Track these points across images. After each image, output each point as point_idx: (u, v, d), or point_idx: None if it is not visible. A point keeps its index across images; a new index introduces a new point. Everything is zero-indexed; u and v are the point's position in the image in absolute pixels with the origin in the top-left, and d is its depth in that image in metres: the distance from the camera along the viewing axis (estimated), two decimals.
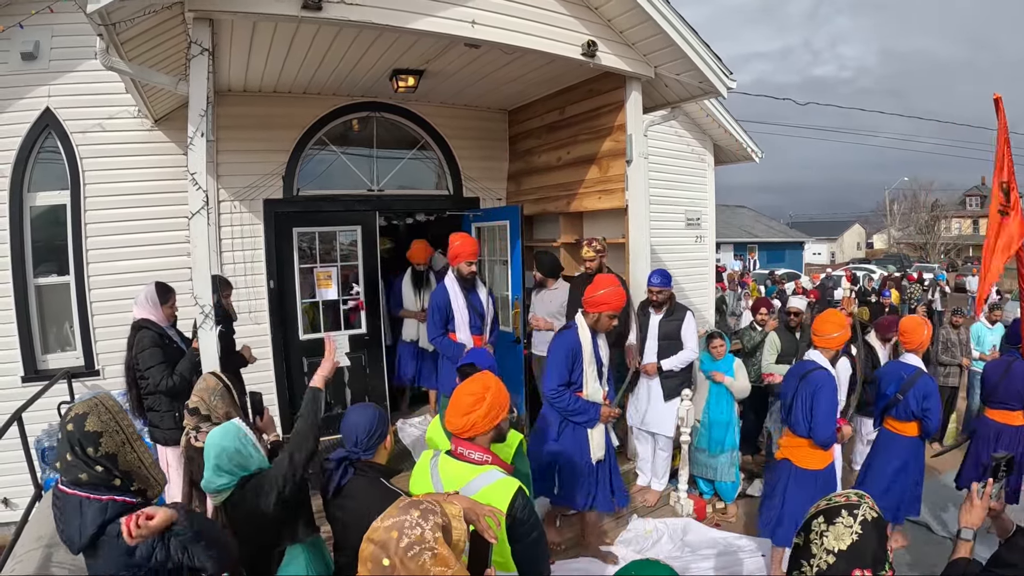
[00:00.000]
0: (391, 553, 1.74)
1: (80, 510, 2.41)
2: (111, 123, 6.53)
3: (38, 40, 6.25)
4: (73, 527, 2.41)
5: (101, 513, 2.40)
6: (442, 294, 5.77)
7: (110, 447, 2.50)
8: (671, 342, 5.73)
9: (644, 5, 5.39)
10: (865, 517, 2.01)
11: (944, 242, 52.82)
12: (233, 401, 3.50)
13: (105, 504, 2.42)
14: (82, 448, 2.45)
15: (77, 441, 2.46)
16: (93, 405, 2.56)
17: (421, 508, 1.84)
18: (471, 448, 2.67)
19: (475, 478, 2.58)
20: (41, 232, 6.55)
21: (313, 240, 7.44)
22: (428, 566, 1.74)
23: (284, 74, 6.39)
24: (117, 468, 2.50)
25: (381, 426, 2.88)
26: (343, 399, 7.58)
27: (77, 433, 2.47)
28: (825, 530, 2.02)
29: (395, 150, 7.98)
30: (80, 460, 2.45)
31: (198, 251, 4.35)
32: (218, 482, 2.82)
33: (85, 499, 2.42)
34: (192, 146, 4.31)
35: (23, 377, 6.38)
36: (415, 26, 4.79)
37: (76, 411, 2.53)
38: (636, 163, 6.21)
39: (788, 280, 23.17)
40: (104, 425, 2.51)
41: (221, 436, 2.84)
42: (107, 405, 2.59)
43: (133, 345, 4.87)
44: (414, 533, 1.77)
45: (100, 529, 2.39)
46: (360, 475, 2.78)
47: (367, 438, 2.83)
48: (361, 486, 2.74)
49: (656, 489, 5.99)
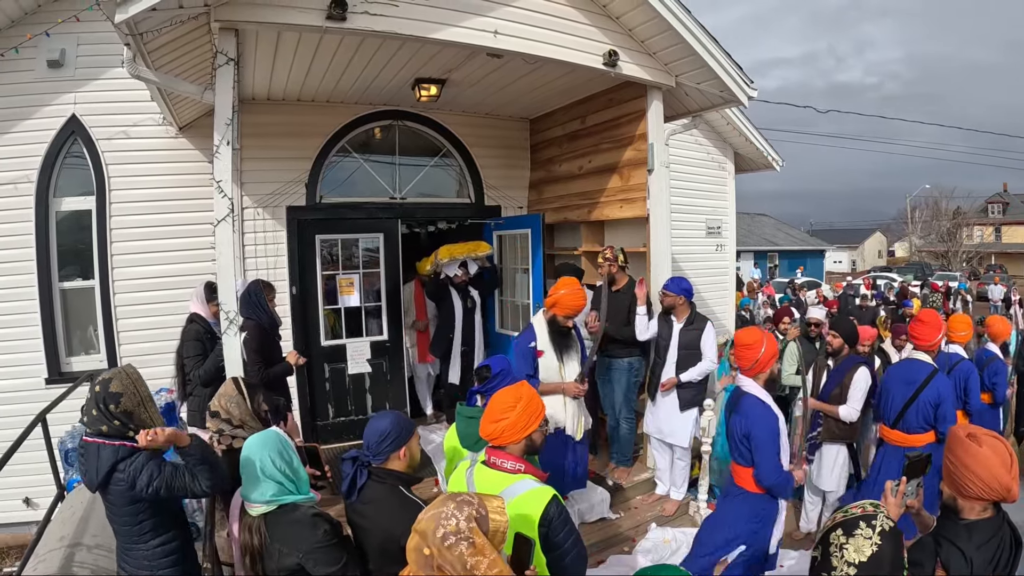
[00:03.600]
0: (430, 543, 1.88)
1: (98, 453, 3.02)
2: (136, 130, 6.66)
3: (64, 48, 6.40)
4: (92, 468, 3.02)
5: (114, 454, 3.01)
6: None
7: (128, 405, 3.09)
8: (690, 352, 5.69)
9: (666, 14, 5.39)
10: (883, 528, 2.05)
11: (966, 250, 52.17)
12: (247, 409, 3.52)
13: (117, 448, 3.03)
14: (105, 404, 3.04)
15: (102, 399, 3.05)
16: (117, 372, 3.19)
17: (457, 500, 1.97)
18: (504, 457, 2.68)
19: (508, 487, 2.58)
20: (66, 237, 6.69)
21: (335, 247, 7.50)
22: (465, 555, 1.86)
23: (307, 83, 6.45)
24: (132, 422, 3.08)
25: (396, 434, 2.83)
26: (364, 406, 7.61)
27: (103, 392, 3.07)
28: (844, 543, 2.04)
29: (417, 158, 8.03)
30: (103, 414, 3.04)
31: (223, 258, 4.42)
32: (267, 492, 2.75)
33: (102, 444, 3.04)
34: (218, 154, 4.38)
35: (47, 379, 6.51)
36: (438, 36, 4.83)
37: (104, 376, 3.14)
38: (658, 172, 6.20)
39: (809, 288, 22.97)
40: (124, 387, 3.11)
41: (261, 442, 2.83)
42: (128, 372, 3.21)
43: (183, 335, 5.51)
44: (449, 524, 1.89)
45: (112, 467, 2.99)
46: (378, 482, 2.78)
47: (378, 443, 2.80)
48: (379, 493, 2.75)
49: (675, 498, 5.96)
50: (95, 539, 4.06)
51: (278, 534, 2.71)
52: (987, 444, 2.40)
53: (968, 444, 2.42)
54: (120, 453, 3.01)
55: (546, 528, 2.49)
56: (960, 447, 2.44)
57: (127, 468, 3.00)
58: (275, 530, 2.72)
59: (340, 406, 7.50)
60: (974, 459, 2.37)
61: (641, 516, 5.81)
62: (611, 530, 5.56)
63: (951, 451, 2.48)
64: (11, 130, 6.39)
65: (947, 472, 2.49)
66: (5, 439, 4.52)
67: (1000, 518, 2.42)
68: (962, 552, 2.33)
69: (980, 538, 2.35)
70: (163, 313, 6.65)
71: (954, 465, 2.43)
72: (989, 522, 2.39)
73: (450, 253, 7.64)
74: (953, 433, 2.53)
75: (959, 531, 2.40)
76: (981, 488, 2.35)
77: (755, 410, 3.70)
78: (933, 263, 49.90)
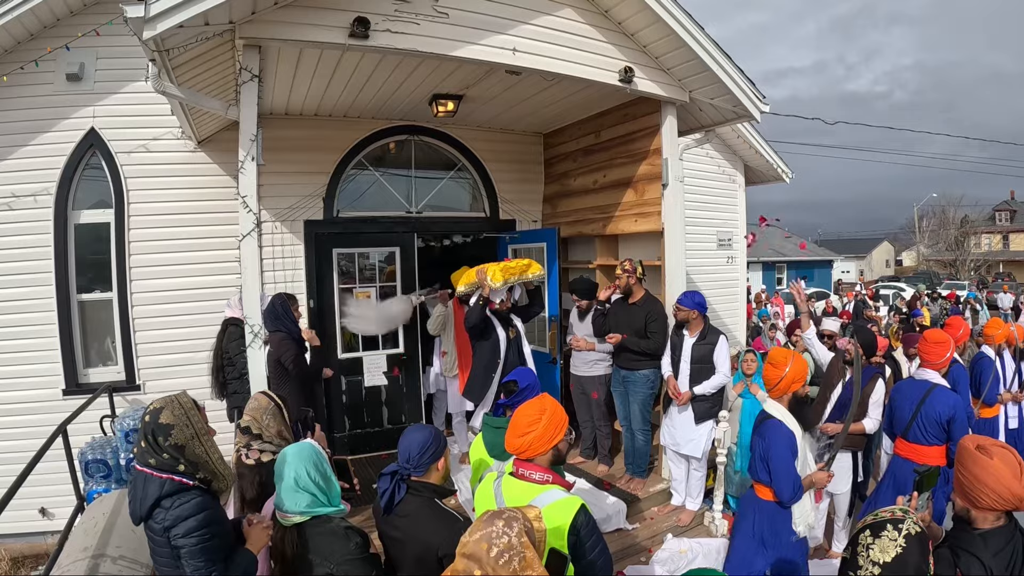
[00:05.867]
0: (484, 564, 1.88)
1: (144, 484, 2.76)
2: (155, 144, 6.73)
3: (83, 62, 6.47)
4: (136, 499, 2.77)
5: (159, 488, 2.73)
6: None
7: (179, 439, 2.80)
8: (703, 366, 5.72)
9: (680, 32, 5.46)
10: (909, 531, 2.11)
11: (974, 258, 51.99)
12: (284, 420, 3.56)
13: (164, 481, 2.75)
14: (154, 437, 2.77)
15: (151, 431, 2.78)
16: (169, 401, 2.88)
17: (504, 517, 1.98)
18: (531, 468, 2.71)
19: (537, 497, 2.62)
20: (85, 249, 6.74)
21: (352, 260, 7.57)
22: (518, 570, 1.89)
23: (326, 98, 6.54)
24: (183, 457, 2.79)
25: (435, 446, 2.88)
26: (380, 419, 7.67)
27: (152, 424, 2.79)
28: (871, 543, 2.12)
29: (433, 172, 8.11)
30: (151, 447, 2.77)
31: (248, 272, 4.45)
32: (301, 503, 2.76)
33: (149, 475, 2.76)
34: (243, 170, 4.44)
35: (64, 390, 6.55)
36: (458, 54, 4.90)
37: (155, 405, 2.86)
38: (672, 187, 6.26)
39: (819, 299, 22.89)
40: (176, 419, 2.82)
41: (296, 453, 2.85)
42: (181, 402, 2.90)
43: (223, 337, 5.96)
44: (502, 542, 1.91)
45: (156, 502, 2.72)
46: (413, 494, 2.81)
47: (419, 455, 2.83)
48: (415, 505, 2.78)
49: (691, 509, 5.99)
50: (118, 550, 4.04)
51: (311, 545, 2.74)
52: (997, 455, 2.45)
53: (978, 456, 2.47)
54: (166, 488, 2.74)
55: (575, 537, 2.53)
56: (971, 460, 2.49)
57: (171, 507, 2.72)
58: (308, 541, 2.75)
59: (356, 418, 7.56)
60: (985, 471, 2.42)
61: (657, 527, 5.83)
62: (628, 540, 5.58)
63: (962, 464, 2.52)
64: (30, 143, 6.45)
65: (959, 485, 2.53)
66: (24, 449, 4.64)
67: (1012, 525, 2.47)
68: (981, 561, 2.38)
69: (996, 545, 2.40)
70: (181, 325, 6.75)
71: (966, 478, 2.48)
72: (1002, 530, 2.44)
73: (505, 275, 6.06)
74: (963, 446, 2.57)
75: (975, 541, 2.44)
76: (994, 499, 2.40)
77: (775, 434, 3.80)
78: (941, 272, 49.76)
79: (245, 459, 3.43)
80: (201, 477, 2.83)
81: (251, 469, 3.40)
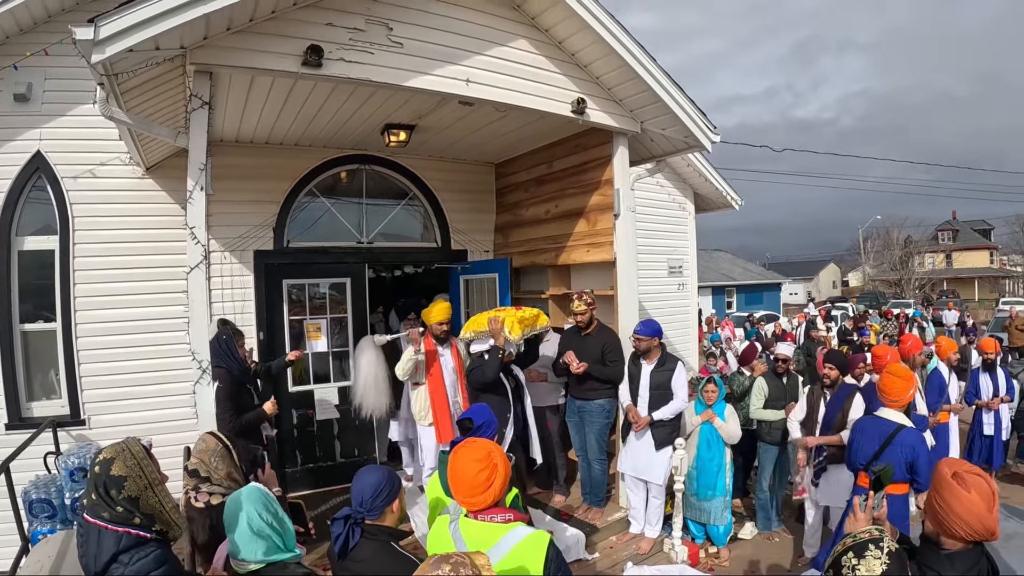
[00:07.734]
0: None
1: (98, 539, 2.58)
2: (102, 169, 6.51)
3: (31, 82, 6.21)
4: (90, 554, 2.58)
5: (115, 543, 2.56)
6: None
7: (133, 491, 2.64)
8: (662, 392, 5.76)
9: (632, 63, 5.54)
10: (890, 549, 2.15)
11: (918, 277, 53.64)
12: (233, 462, 3.46)
13: (120, 535, 2.58)
14: (106, 490, 2.61)
15: (103, 483, 2.62)
16: (120, 450, 2.71)
17: (451, 562, 1.91)
18: (491, 512, 2.65)
19: (503, 537, 2.56)
20: (29, 275, 6.46)
21: (302, 291, 7.44)
22: None
23: (278, 126, 6.47)
24: (139, 510, 2.63)
25: (388, 488, 2.80)
26: (332, 453, 7.53)
27: (103, 476, 2.62)
28: (856, 564, 2.14)
29: (384, 201, 8.07)
30: (103, 500, 2.60)
31: (196, 305, 4.31)
32: (258, 552, 2.65)
33: (103, 529, 2.58)
34: (191, 200, 4.31)
35: (7, 424, 6.24)
36: (412, 84, 4.89)
37: (104, 455, 2.69)
38: (624, 217, 6.32)
39: (768, 322, 23.26)
40: (129, 470, 2.66)
41: (247, 497, 2.75)
42: (133, 451, 2.73)
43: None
44: None
45: (113, 557, 2.54)
46: (369, 538, 2.72)
47: (372, 499, 2.75)
48: (371, 551, 2.70)
49: (649, 536, 5.98)
50: None
51: None
52: (975, 488, 2.43)
53: (954, 487, 2.45)
54: (123, 543, 2.58)
55: (549, 571, 2.50)
56: (947, 490, 2.47)
57: (130, 562, 2.56)
58: None
59: (308, 453, 7.40)
60: (960, 503, 2.42)
61: (617, 555, 5.81)
62: (588, 570, 5.55)
63: (938, 492, 2.52)
64: None
65: (932, 511, 2.53)
66: None
67: (980, 550, 2.48)
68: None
69: (962, 567, 2.42)
70: (127, 358, 6.51)
71: (940, 507, 2.48)
72: (970, 553, 2.46)
73: (523, 327, 5.75)
74: (940, 473, 2.56)
75: (942, 561, 2.46)
76: (967, 532, 2.41)
77: (920, 441, 4.56)
78: (886, 291, 51.09)
79: (194, 502, 3.34)
80: (157, 529, 2.69)
81: (201, 513, 3.31)
